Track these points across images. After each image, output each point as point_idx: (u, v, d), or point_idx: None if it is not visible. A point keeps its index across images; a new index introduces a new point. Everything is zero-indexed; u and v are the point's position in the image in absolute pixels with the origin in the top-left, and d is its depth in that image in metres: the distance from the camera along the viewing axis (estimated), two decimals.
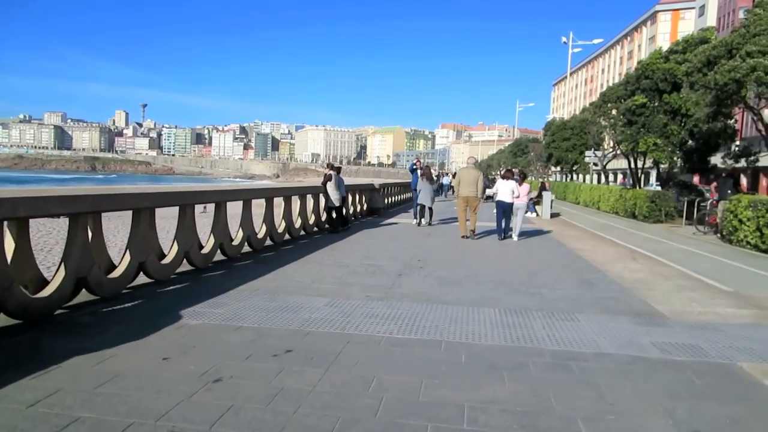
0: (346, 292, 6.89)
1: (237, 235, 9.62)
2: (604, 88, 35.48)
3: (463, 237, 13.25)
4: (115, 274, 6.59)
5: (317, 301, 6.33)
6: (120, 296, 6.32)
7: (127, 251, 6.81)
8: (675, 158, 21.78)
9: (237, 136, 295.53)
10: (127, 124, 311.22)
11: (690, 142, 21.50)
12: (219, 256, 9.00)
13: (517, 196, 13.30)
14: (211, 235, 8.87)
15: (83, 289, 6.05)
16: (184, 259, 8.03)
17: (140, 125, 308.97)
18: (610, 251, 11.89)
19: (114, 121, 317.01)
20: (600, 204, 27.35)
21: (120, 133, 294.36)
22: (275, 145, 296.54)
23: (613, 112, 26.03)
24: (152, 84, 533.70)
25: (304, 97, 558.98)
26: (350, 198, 17.22)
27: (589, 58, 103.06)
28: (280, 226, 11.54)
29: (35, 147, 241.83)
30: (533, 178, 47.19)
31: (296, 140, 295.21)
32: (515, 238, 13.40)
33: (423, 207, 15.70)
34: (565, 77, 62.05)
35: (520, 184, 13.94)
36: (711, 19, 56.02)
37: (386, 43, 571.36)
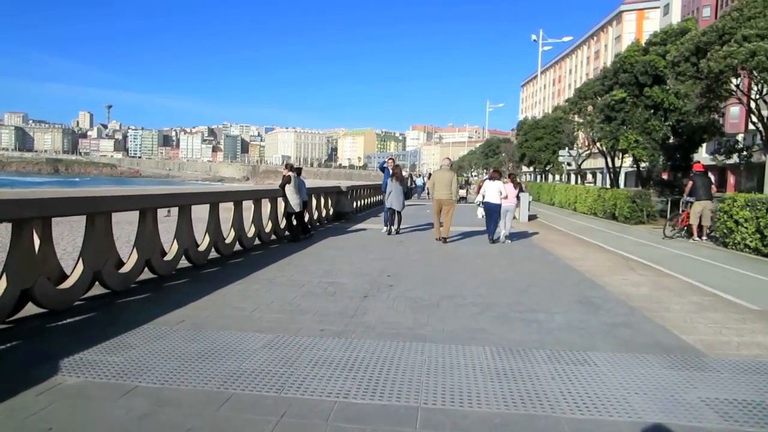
0: (295, 324, 5.43)
1: (171, 248, 8.06)
2: (572, 88, 34.77)
3: (437, 240, 12.67)
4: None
5: (255, 339, 4.87)
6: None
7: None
8: (657, 155, 20.80)
9: (206, 138, 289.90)
10: (91, 125, 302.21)
11: (672, 138, 20.59)
12: (146, 274, 7.44)
13: (505, 197, 12.91)
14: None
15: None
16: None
17: (105, 127, 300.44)
18: (601, 259, 10.67)
19: (78, 122, 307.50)
20: (576, 205, 26.39)
21: (84, 135, 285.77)
22: (245, 147, 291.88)
23: (590, 108, 25.08)
24: (117, 85, 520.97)
25: (273, 99, 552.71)
26: (314, 202, 15.72)
27: (557, 58, 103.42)
28: (229, 235, 10.00)
29: None
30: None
31: (266, 142, 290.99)
32: (504, 239, 12.97)
33: (393, 211, 14.19)
34: (534, 77, 61.72)
35: (514, 187, 13.61)
36: (675, 18, 56.22)
37: (357, 46, 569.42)
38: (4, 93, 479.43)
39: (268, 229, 11.87)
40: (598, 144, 24.90)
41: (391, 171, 14.41)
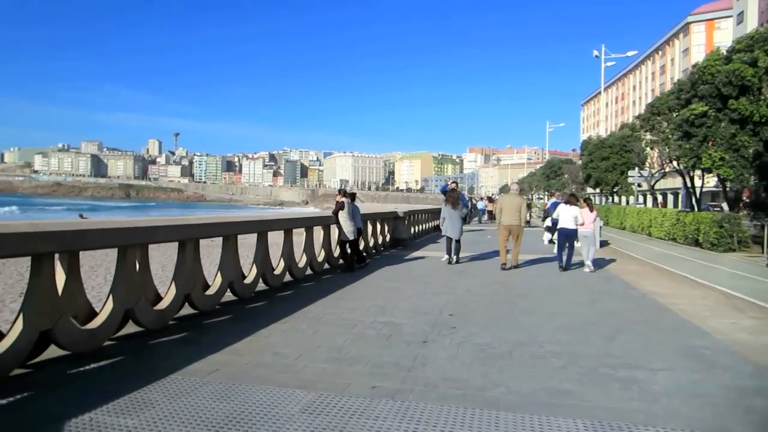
0: (342, 377, 4.62)
1: (214, 281, 7.45)
2: (637, 105, 32.85)
3: (503, 268, 11.81)
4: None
5: (294, 399, 4.08)
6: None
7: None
8: (747, 174, 18.81)
9: (266, 163, 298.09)
10: (160, 152, 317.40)
11: (767, 155, 18.55)
12: (183, 310, 6.85)
13: (581, 224, 12.13)
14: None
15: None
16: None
17: (173, 153, 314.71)
18: (696, 295, 9.31)
19: (148, 149, 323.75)
20: (651, 229, 24.46)
21: (153, 161, 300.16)
22: (304, 171, 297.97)
23: (664, 124, 23.31)
24: (185, 114, 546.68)
25: (332, 124, 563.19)
26: (369, 228, 14.99)
27: (619, 75, 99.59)
28: (278, 265, 9.37)
29: (73, 175, 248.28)
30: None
31: (325, 167, 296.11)
32: (588, 269, 12.08)
33: (451, 239, 13.19)
34: (596, 95, 59.47)
35: (591, 211, 12.62)
36: (751, 26, 52.77)
37: (413, 70, 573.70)
38: (82, 123, 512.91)
39: (320, 258, 11.21)
40: (674, 163, 23.02)
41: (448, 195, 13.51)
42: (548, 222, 18.18)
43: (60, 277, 4.87)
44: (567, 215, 12.04)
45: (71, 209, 79.93)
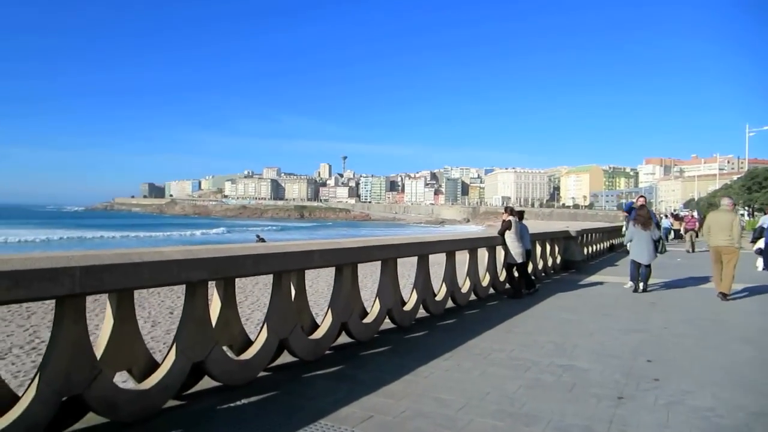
0: None
1: (372, 308, 6.98)
2: None
3: (719, 295, 10.13)
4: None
5: None
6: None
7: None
8: None
9: (428, 182, 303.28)
10: (330, 175, 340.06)
11: None
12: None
13: None
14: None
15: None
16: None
17: (341, 176, 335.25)
18: None
19: (319, 172, 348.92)
20: None
21: (324, 184, 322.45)
22: (465, 189, 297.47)
23: None
24: (352, 138, 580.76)
25: (493, 140, 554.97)
26: (538, 249, 13.71)
27: None
28: (440, 291, 8.69)
29: (256, 198, 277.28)
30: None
31: (486, 184, 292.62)
32: None
33: (638, 264, 11.44)
34: None
35: None
36: None
37: (580, 76, 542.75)
38: (264, 151, 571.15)
39: (485, 282, 10.31)
40: None
41: (633, 214, 11.78)
42: (760, 244, 15.14)
43: (215, 305, 4.68)
44: None
45: (263, 229, 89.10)
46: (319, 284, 16.50)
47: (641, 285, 11.32)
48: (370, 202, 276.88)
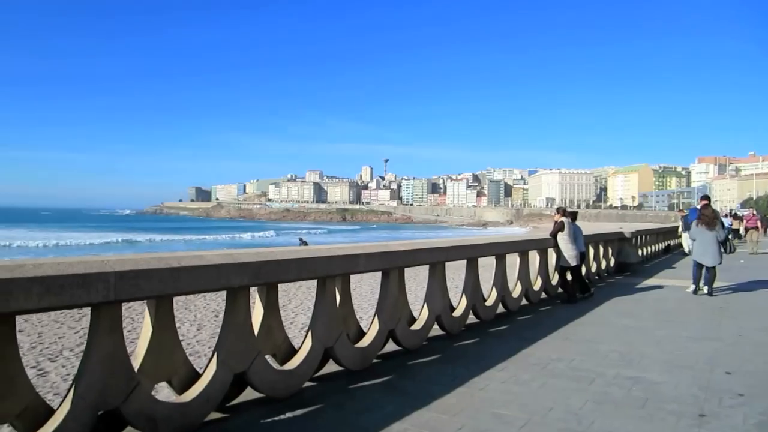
0: None
1: (421, 314, 6.64)
2: None
3: None
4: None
5: None
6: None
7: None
8: None
9: (470, 184, 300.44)
10: (371, 178, 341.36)
11: None
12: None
13: None
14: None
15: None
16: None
17: (382, 178, 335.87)
18: None
19: (360, 175, 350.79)
20: None
21: (365, 187, 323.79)
22: (508, 191, 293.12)
23: None
24: (393, 140, 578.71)
25: (536, 141, 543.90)
26: (591, 251, 13.06)
27: None
28: (490, 296, 8.28)
29: (299, 201, 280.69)
30: None
31: (529, 185, 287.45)
32: None
33: (701, 266, 10.72)
34: None
35: None
36: None
37: (629, 73, 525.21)
38: (306, 154, 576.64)
39: (536, 286, 9.81)
40: None
41: (697, 215, 11.06)
42: None
43: (257, 312, 4.45)
44: None
45: (308, 232, 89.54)
46: (362, 287, 16.27)
47: (705, 288, 10.58)
48: (411, 204, 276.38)
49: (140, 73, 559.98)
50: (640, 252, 17.55)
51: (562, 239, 9.94)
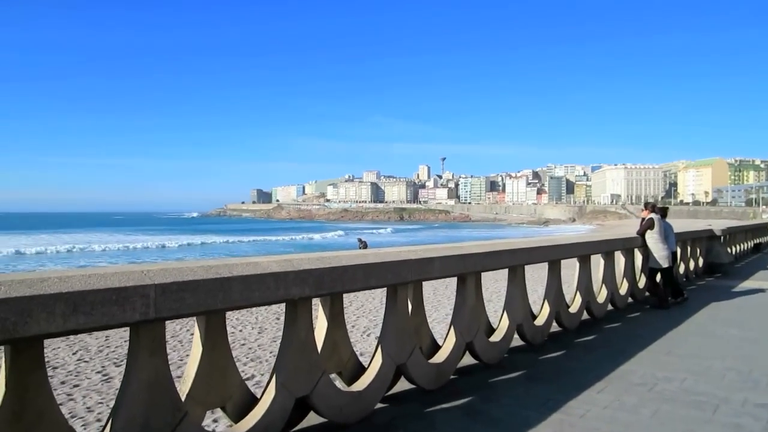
0: None
1: (500, 323, 5.92)
2: None
3: None
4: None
5: None
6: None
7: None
8: None
9: (530, 181, 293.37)
10: (428, 176, 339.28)
11: None
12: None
13: None
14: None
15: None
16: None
17: (440, 177, 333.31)
18: None
19: (418, 175, 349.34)
20: None
21: (423, 186, 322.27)
22: (570, 188, 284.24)
23: None
24: (450, 139, 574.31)
25: (600, 135, 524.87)
26: (678, 251, 11.86)
27: None
28: (574, 301, 7.45)
29: (356, 201, 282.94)
30: None
31: (593, 181, 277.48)
32: None
33: None
34: None
35: None
36: None
37: (700, 63, 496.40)
38: (365, 155, 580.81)
39: (623, 290, 8.86)
40: None
41: None
42: None
43: (320, 326, 3.90)
44: None
45: (371, 232, 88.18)
46: (425, 290, 15.61)
47: None
48: (469, 203, 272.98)
49: (206, 86, 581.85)
50: (730, 250, 16.02)
51: (652, 238, 8.95)
